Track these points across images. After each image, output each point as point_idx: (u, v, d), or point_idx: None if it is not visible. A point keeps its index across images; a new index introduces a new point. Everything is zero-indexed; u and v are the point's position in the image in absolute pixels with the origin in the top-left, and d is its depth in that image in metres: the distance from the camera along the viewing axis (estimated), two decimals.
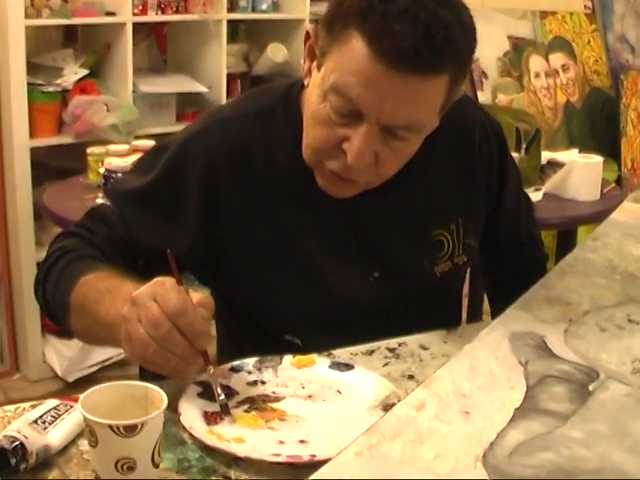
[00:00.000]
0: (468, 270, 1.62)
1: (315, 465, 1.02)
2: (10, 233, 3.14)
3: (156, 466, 0.96)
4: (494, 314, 1.70)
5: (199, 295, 1.16)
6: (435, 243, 1.48)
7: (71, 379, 3.21)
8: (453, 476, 0.95)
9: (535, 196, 2.45)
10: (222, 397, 1.14)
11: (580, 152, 2.91)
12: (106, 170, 2.45)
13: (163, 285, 1.13)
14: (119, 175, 2.35)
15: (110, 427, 0.91)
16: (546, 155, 2.84)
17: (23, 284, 3.10)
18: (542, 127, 3.00)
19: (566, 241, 2.66)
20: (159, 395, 0.98)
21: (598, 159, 2.72)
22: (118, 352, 3.19)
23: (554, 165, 2.78)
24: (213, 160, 1.37)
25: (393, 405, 1.15)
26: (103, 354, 3.24)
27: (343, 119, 1.25)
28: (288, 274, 1.41)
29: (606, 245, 1.70)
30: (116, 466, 0.93)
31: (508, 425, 1.06)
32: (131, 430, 0.92)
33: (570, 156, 2.81)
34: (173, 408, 1.14)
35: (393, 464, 0.97)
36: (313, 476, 0.94)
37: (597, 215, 2.57)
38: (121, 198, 1.43)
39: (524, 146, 2.68)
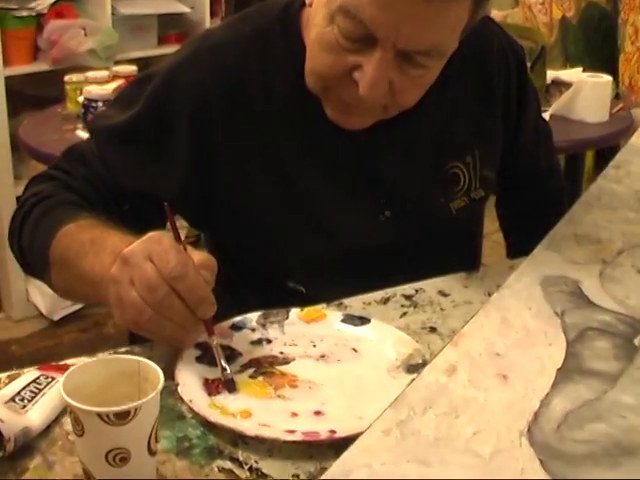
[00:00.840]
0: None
1: (335, 443, 0.89)
2: None
3: (153, 454, 0.83)
4: (510, 250, 1.58)
5: (200, 255, 1.03)
6: (450, 177, 1.35)
7: (56, 317, 3.09)
8: (498, 457, 0.82)
9: None
10: (227, 371, 1.01)
11: (584, 71, 2.75)
12: (85, 99, 2.29)
13: (160, 243, 0.99)
14: (99, 104, 2.19)
15: (98, 415, 0.78)
16: (550, 74, 2.69)
17: (3, 220, 2.95)
18: (547, 44, 2.84)
19: (574, 166, 2.53)
20: (153, 370, 0.85)
21: (607, 78, 2.57)
22: None
23: (559, 85, 2.63)
24: (203, 91, 1.22)
25: (417, 366, 1.03)
26: None
27: (353, 44, 1.09)
28: (289, 215, 1.28)
29: (630, 174, 1.57)
30: (107, 458, 0.80)
31: (552, 390, 0.93)
32: (123, 417, 0.79)
33: (575, 75, 2.65)
34: (168, 375, 1.01)
35: (427, 444, 0.85)
36: (337, 462, 0.81)
37: (606, 138, 2.45)
38: (101, 135, 1.28)
39: (529, 65, 2.52)
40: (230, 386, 0.99)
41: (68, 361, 1.06)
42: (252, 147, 1.25)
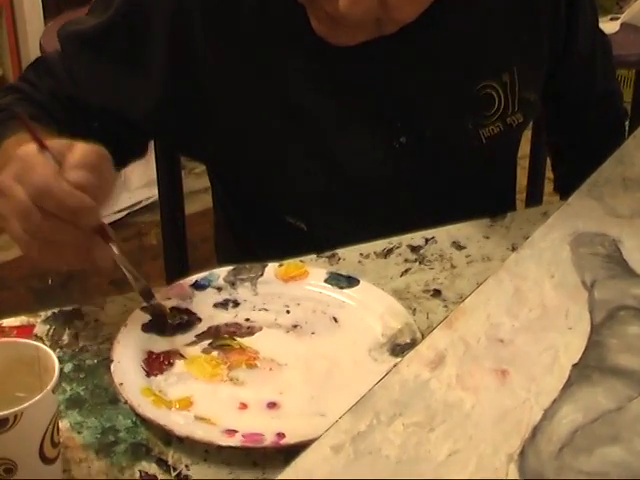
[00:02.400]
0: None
1: (282, 450, 0.73)
2: None
3: (49, 461, 0.68)
4: (557, 184, 1.36)
5: (78, 148, 0.84)
6: (482, 98, 1.13)
7: None
8: None
9: (611, 27, 2.03)
10: (140, 280, 0.88)
11: None
12: None
13: (23, 159, 0.83)
14: None
15: None
16: None
17: None
18: None
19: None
20: (52, 361, 0.68)
21: None
22: (148, 195, 2.96)
23: None
24: None
25: (404, 347, 0.85)
26: (130, 198, 2.97)
27: None
28: (285, 140, 1.09)
29: None
30: None
31: (561, 394, 0.74)
32: (1, 425, 0.63)
33: None
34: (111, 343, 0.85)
35: (386, 467, 0.67)
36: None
37: None
38: (69, 43, 1.10)
39: None
40: (146, 294, 0.89)
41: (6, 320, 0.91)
42: (241, 61, 1.06)
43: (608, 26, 1.95)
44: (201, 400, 0.79)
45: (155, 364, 0.83)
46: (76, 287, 2.83)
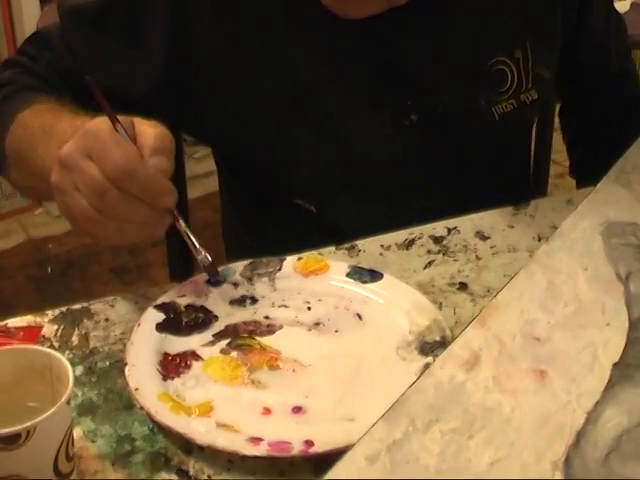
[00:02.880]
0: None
1: (310, 459, 0.69)
2: None
3: (64, 476, 0.64)
4: (574, 168, 1.32)
5: (149, 133, 0.82)
6: (494, 74, 1.09)
7: None
8: None
9: (621, 7, 1.98)
10: (203, 254, 0.86)
11: None
12: None
13: (97, 136, 0.80)
14: None
15: None
16: None
17: None
18: None
19: None
20: (65, 369, 0.64)
21: None
22: None
23: None
24: None
25: (433, 345, 0.81)
26: None
27: None
28: (294, 119, 1.05)
29: None
30: None
31: (603, 396, 0.70)
32: (13, 441, 0.59)
33: None
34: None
35: (424, 478, 0.63)
36: None
37: None
38: (69, 18, 1.07)
39: None
40: (211, 270, 0.88)
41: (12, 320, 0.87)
42: (245, 37, 1.02)
43: (618, 5, 1.89)
44: (222, 405, 0.75)
45: (171, 366, 0.79)
46: (76, 275, 2.79)
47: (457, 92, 1.07)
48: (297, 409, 0.74)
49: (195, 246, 0.86)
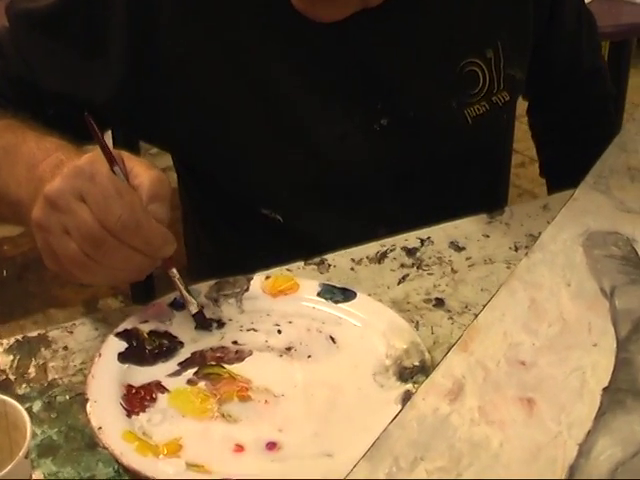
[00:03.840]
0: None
1: None
2: None
3: None
4: (543, 168, 1.29)
5: (144, 173, 0.78)
6: (466, 76, 1.05)
7: None
8: None
9: None
10: (194, 304, 0.82)
11: None
12: None
13: (93, 178, 0.74)
14: None
15: None
16: None
17: None
18: None
19: (619, 56, 2.17)
20: (21, 418, 0.59)
21: None
22: None
23: None
24: None
25: (412, 371, 0.76)
26: None
27: None
28: (259, 124, 1.00)
29: None
30: None
31: (595, 425, 0.67)
32: None
33: None
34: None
35: None
36: None
37: None
38: (20, 22, 1.02)
39: None
40: (201, 320, 0.82)
41: None
42: (206, 39, 0.97)
43: None
44: (191, 443, 0.70)
45: (136, 400, 0.74)
46: (33, 278, 2.73)
47: (428, 95, 1.04)
48: (271, 445, 0.70)
49: (185, 295, 0.83)
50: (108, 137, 1.24)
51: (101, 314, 0.86)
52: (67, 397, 0.77)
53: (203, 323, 0.82)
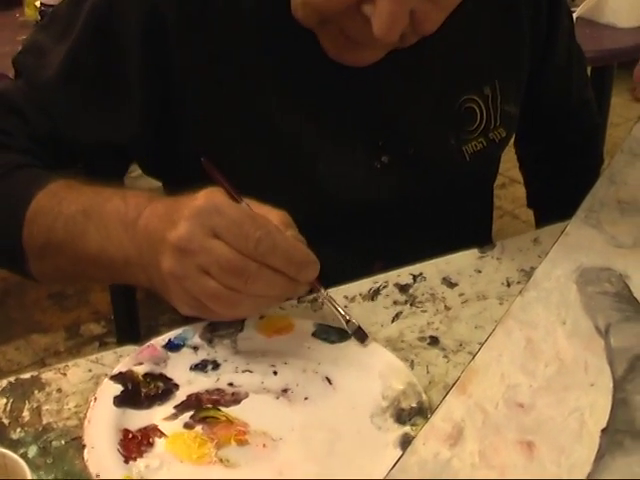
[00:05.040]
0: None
1: None
2: None
3: None
4: (531, 199, 1.30)
5: (268, 209, 0.82)
6: (464, 113, 1.07)
7: None
8: None
9: None
10: (351, 320, 0.85)
11: None
12: (42, 4, 1.95)
13: (221, 212, 0.76)
14: None
15: None
16: None
17: None
18: None
19: (601, 81, 2.19)
20: (22, 471, 0.58)
21: None
22: None
23: None
24: (156, 5, 0.94)
25: (410, 412, 0.76)
26: None
27: None
28: (262, 161, 1.01)
29: None
30: None
31: (595, 468, 0.66)
32: None
33: None
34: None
35: None
36: None
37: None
38: (35, 77, 1.00)
39: None
40: (361, 337, 0.84)
41: None
42: (216, 78, 0.98)
43: None
44: None
45: (133, 445, 0.73)
46: (14, 303, 2.72)
47: (428, 132, 1.04)
48: None
49: (342, 314, 0.84)
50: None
51: (94, 356, 0.85)
52: (63, 442, 0.76)
53: (363, 338, 0.84)
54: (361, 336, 0.84)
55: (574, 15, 2.12)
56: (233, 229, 0.75)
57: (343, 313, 0.84)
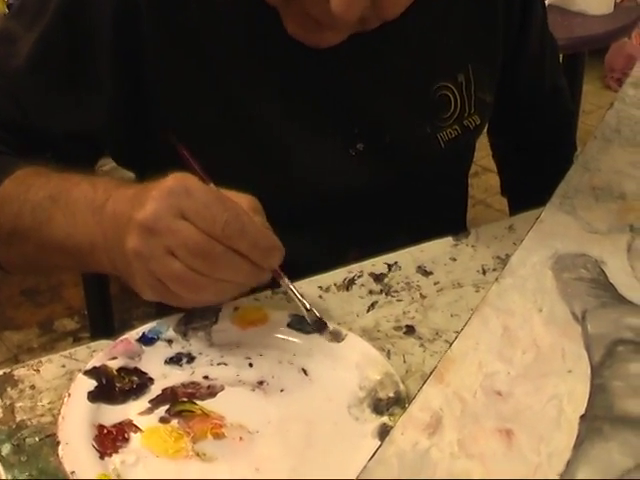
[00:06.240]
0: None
1: None
2: None
3: None
4: (505, 187, 1.29)
5: (236, 194, 0.80)
6: (438, 100, 1.06)
7: None
8: None
9: None
10: (309, 307, 0.84)
11: None
12: None
13: (190, 193, 0.75)
14: None
15: None
16: None
17: None
18: None
19: (573, 69, 2.20)
20: None
21: None
22: None
23: None
24: None
25: (387, 402, 0.75)
26: None
27: None
28: (234, 150, 1.00)
29: None
30: None
31: (574, 454, 0.66)
32: None
33: None
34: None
35: None
36: None
37: (610, 34, 2.14)
38: (5, 66, 0.99)
39: None
40: (321, 327, 0.83)
41: None
42: (188, 66, 0.97)
43: None
44: None
45: (108, 441, 0.72)
46: None
47: (403, 119, 1.04)
48: None
49: (303, 303, 0.83)
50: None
51: (67, 351, 0.84)
52: (37, 439, 0.75)
53: (323, 329, 0.83)
54: (321, 326, 0.83)
55: (546, 3, 2.13)
56: (201, 211, 0.74)
57: (304, 302, 0.83)
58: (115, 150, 1.05)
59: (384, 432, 0.71)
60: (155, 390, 0.78)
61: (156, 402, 0.77)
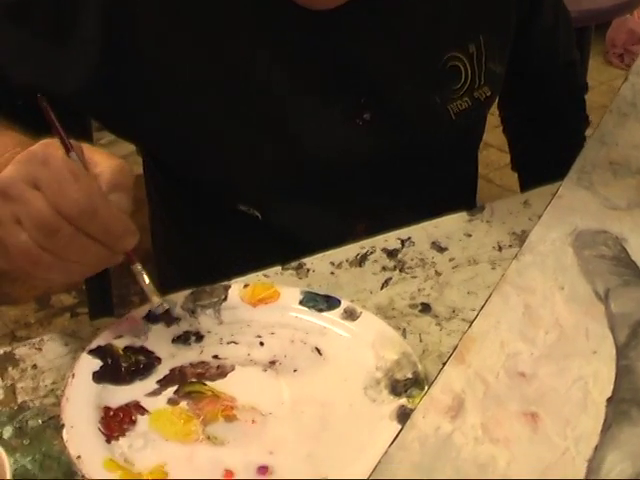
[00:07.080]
0: None
1: None
2: None
3: None
4: (515, 162, 1.26)
5: (105, 162, 0.72)
6: (448, 71, 1.02)
7: None
8: None
9: None
10: (159, 302, 0.79)
11: None
12: None
13: (47, 163, 0.69)
14: None
15: None
16: None
17: None
18: None
19: (579, 42, 2.15)
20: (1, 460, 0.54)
21: None
22: None
23: None
24: None
25: (406, 384, 0.72)
26: None
27: None
28: (236, 117, 0.96)
29: None
30: None
31: (602, 438, 0.64)
32: None
33: None
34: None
35: None
36: None
37: (618, 8, 2.09)
38: None
39: None
40: (169, 320, 0.79)
41: None
42: (185, 31, 0.92)
43: None
44: (177, 469, 0.66)
45: (114, 424, 0.69)
46: None
47: (412, 89, 1.00)
48: (263, 469, 0.66)
49: (152, 292, 0.78)
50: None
51: (70, 329, 0.81)
52: (39, 421, 0.72)
53: (170, 323, 0.79)
54: (169, 320, 0.79)
55: None
56: (53, 184, 0.68)
57: (154, 290, 0.79)
58: (97, 116, 1.01)
59: (403, 414, 0.68)
60: (163, 370, 0.75)
61: (164, 383, 0.74)
